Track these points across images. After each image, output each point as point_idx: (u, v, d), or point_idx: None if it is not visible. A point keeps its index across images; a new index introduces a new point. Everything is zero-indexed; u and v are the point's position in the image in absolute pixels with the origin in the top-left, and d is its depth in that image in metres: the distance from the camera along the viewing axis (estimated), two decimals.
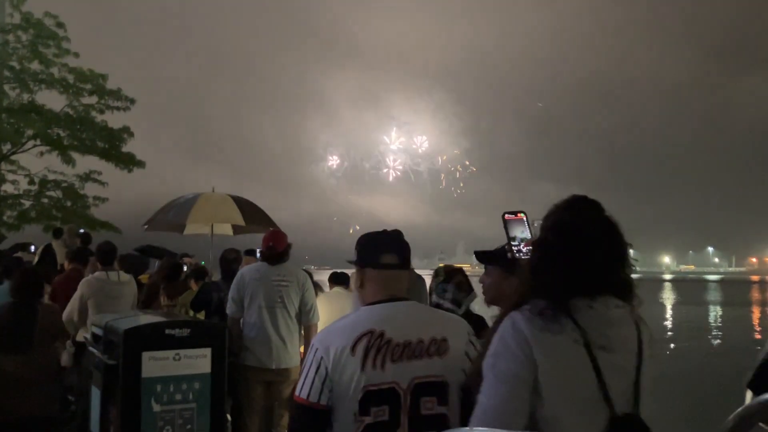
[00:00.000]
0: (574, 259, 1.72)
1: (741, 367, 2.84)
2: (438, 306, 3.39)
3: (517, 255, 2.30)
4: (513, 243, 2.31)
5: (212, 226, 8.46)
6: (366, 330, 2.04)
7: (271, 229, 6.31)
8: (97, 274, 6.13)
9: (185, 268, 8.39)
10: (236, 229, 9.06)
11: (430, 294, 3.68)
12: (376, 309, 2.13)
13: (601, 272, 1.72)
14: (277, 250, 5.27)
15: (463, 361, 2.13)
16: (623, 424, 1.64)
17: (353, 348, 2.00)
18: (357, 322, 2.09)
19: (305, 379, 2.03)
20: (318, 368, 2.02)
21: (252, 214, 8.07)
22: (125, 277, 6.24)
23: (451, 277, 3.75)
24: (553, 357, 1.63)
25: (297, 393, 2.05)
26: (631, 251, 1.80)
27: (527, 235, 2.30)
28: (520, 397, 1.62)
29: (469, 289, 3.77)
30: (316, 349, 2.05)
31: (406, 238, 2.33)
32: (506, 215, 2.36)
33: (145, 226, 8.65)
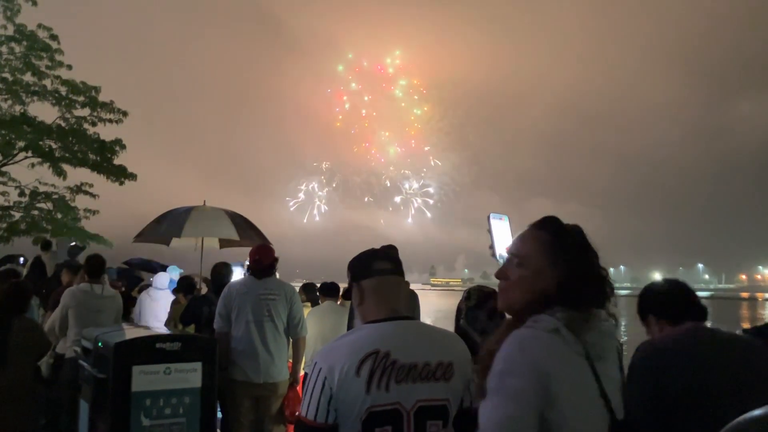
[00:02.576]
0: (566, 275, 1.77)
1: None
2: (464, 334, 3.10)
3: (498, 258, 2.31)
4: (495, 247, 2.33)
5: (202, 239, 8.42)
6: (371, 350, 2.01)
7: (258, 244, 6.28)
8: (81, 285, 6.12)
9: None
10: (222, 243, 9.02)
11: (459, 317, 3.51)
12: (380, 327, 2.11)
13: (588, 287, 1.78)
14: (263, 264, 5.27)
15: (467, 386, 2.14)
16: (623, 430, 1.72)
17: (358, 369, 1.98)
18: (361, 340, 2.06)
19: (311, 399, 2.00)
20: (323, 388, 1.99)
21: (245, 229, 8.06)
22: (110, 291, 6.20)
23: (484, 302, 3.43)
24: (564, 368, 1.66)
25: (303, 413, 2.02)
26: (622, 267, 1.85)
27: (509, 239, 2.32)
28: (527, 415, 1.61)
29: (501, 317, 3.52)
30: (320, 368, 2.02)
31: (405, 252, 2.36)
32: (491, 217, 2.40)
33: (133, 240, 8.60)
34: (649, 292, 2.83)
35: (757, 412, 1.25)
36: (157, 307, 8.15)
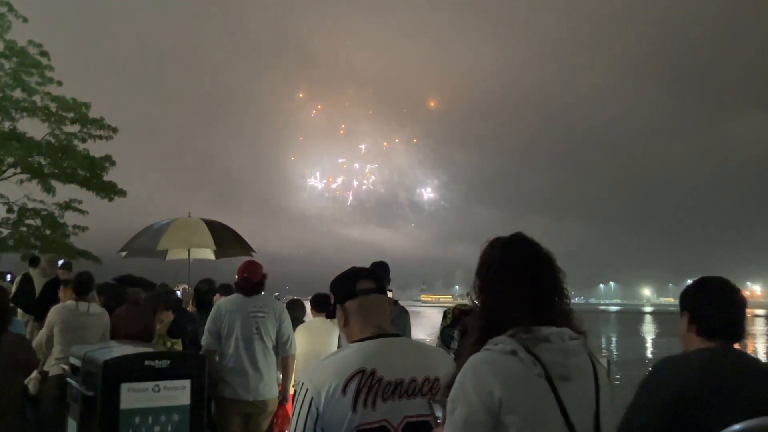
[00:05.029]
0: (520, 294, 1.75)
1: None
2: None
3: None
4: None
5: (189, 252, 8.36)
6: (357, 369, 2.01)
7: (246, 259, 6.27)
8: (67, 303, 6.06)
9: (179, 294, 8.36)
10: (218, 254, 8.97)
11: (439, 337, 3.40)
12: (366, 346, 2.11)
13: (545, 305, 1.76)
14: (252, 281, 5.25)
15: None
16: None
17: (344, 389, 1.98)
18: (347, 359, 2.06)
19: (298, 419, 2.01)
20: (309, 408, 1.99)
21: (225, 239, 8.00)
22: (96, 309, 6.11)
23: (458, 321, 3.36)
24: (518, 393, 1.62)
25: None
26: (612, 284, 1.83)
27: None
28: None
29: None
30: (307, 388, 2.02)
31: (403, 268, 2.32)
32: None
33: (123, 253, 8.56)
34: (694, 289, 2.51)
35: (736, 426, 1.26)
36: None
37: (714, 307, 2.43)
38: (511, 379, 1.63)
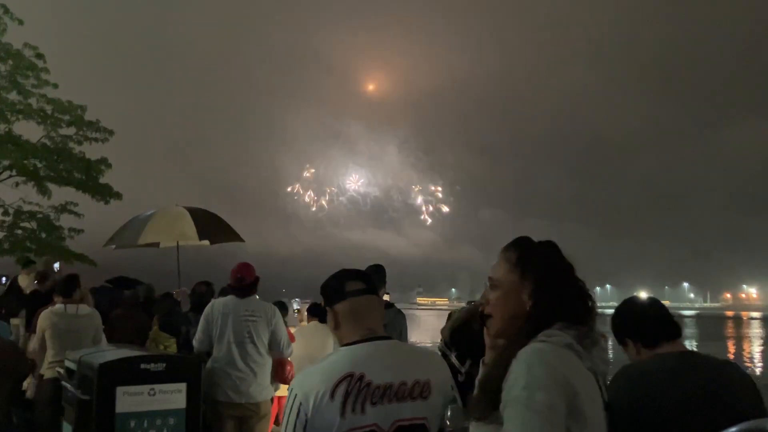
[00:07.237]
0: (537, 286, 1.79)
1: None
2: (442, 356, 2.77)
3: None
4: None
5: (177, 244, 8.16)
6: (345, 374, 2.00)
7: (240, 261, 6.23)
8: (55, 306, 6.00)
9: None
10: (213, 240, 8.76)
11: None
12: (355, 350, 2.09)
13: (564, 298, 1.79)
14: (247, 282, 5.24)
15: (446, 403, 2.13)
16: None
17: (332, 393, 1.97)
18: (336, 364, 2.05)
19: (287, 425, 2.00)
20: (298, 414, 1.98)
21: (209, 227, 7.83)
22: (85, 310, 6.05)
23: (466, 323, 3.28)
24: (584, 383, 1.66)
25: None
26: (608, 286, 1.86)
27: None
28: (558, 429, 1.59)
29: (482, 338, 3.30)
30: (296, 394, 2.01)
31: (404, 271, 2.31)
32: None
33: (113, 246, 8.43)
34: (623, 317, 2.73)
35: (732, 429, 1.27)
36: None
37: (644, 317, 2.66)
38: (577, 370, 1.67)
